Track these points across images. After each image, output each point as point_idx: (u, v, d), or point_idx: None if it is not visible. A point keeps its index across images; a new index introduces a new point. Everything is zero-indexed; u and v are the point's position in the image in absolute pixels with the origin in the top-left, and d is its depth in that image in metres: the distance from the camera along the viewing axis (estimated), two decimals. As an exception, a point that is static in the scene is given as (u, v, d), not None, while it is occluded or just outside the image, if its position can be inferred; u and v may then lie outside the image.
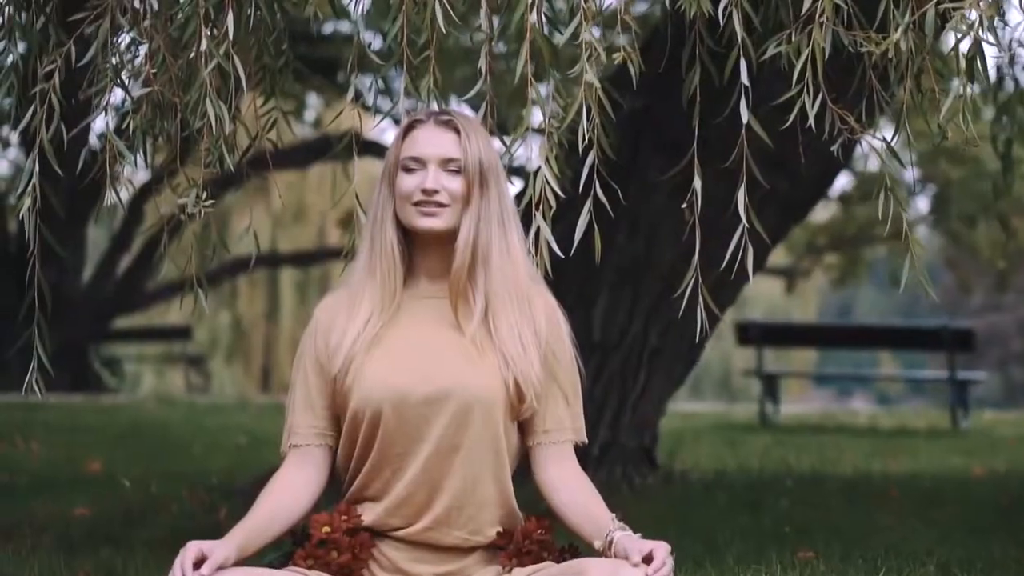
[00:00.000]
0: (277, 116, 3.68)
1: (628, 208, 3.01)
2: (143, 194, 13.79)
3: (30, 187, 3.30)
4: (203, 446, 8.46)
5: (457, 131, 2.78)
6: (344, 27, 13.91)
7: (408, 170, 2.78)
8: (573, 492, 2.78)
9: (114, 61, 3.35)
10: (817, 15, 2.98)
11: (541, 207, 3.07)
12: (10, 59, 3.46)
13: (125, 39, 3.40)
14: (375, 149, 13.83)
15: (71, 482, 6.14)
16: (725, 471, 6.30)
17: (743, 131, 3.07)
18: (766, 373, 12.04)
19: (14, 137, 14.34)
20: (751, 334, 12.15)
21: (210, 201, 3.18)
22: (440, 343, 2.76)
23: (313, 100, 15.56)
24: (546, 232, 3.07)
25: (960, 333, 11.52)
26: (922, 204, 17.76)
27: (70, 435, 8.85)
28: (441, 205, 2.75)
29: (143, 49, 3.34)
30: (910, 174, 3.35)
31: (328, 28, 14.12)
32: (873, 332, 13.84)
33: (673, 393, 5.74)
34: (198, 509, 4.89)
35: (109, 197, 3.30)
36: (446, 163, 2.77)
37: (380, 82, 3.27)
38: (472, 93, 3.15)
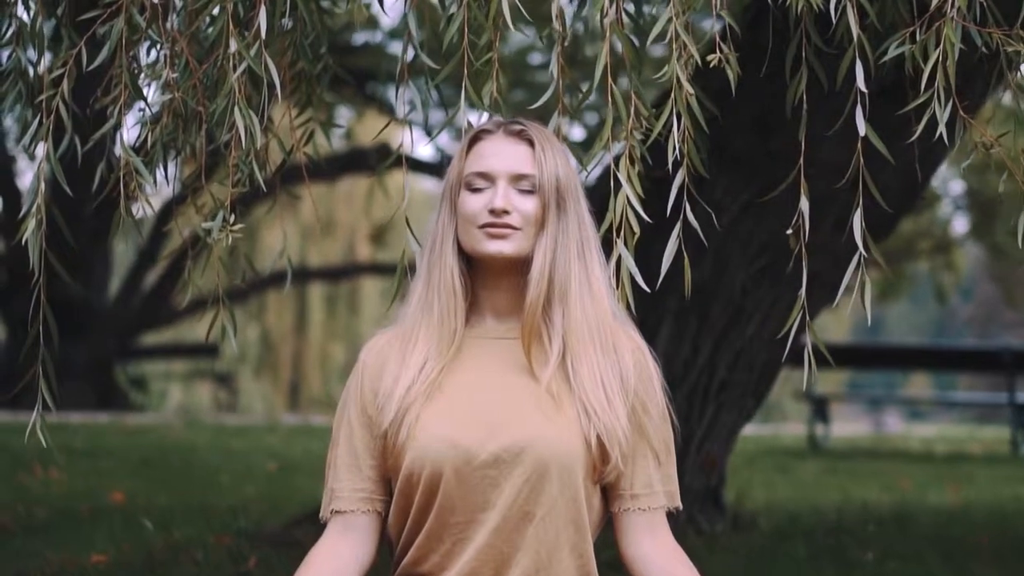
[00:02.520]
0: (314, 128, 3.31)
1: (693, 230, 2.64)
2: (169, 209, 13.47)
3: (35, 207, 2.89)
4: (231, 474, 8.10)
5: (531, 143, 2.37)
6: (377, 37, 13.65)
7: (473, 188, 2.37)
8: (666, 569, 2.37)
9: (132, 66, 2.95)
10: (949, 8, 2.55)
11: (623, 233, 2.65)
12: (19, 65, 3.09)
13: (144, 41, 3.01)
14: (410, 163, 13.52)
15: (90, 518, 5.77)
16: (799, 515, 5.86)
17: (859, 144, 2.65)
18: (817, 396, 11.60)
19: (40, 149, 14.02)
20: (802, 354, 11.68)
21: (238, 225, 2.77)
22: (510, 392, 2.35)
23: (343, 110, 15.23)
24: (629, 262, 2.64)
25: (1022, 355, 11.03)
26: (961, 218, 17.36)
27: (92, 461, 8.50)
28: (512, 227, 2.33)
29: (164, 52, 2.94)
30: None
31: (359, 39, 13.83)
32: (933, 353, 13.32)
33: (742, 428, 5.30)
34: (225, 558, 4.50)
35: (126, 218, 2.91)
36: (518, 180, 2.35)
37: (435, 91, 2.85)
38: (543, 99, 2.71)
